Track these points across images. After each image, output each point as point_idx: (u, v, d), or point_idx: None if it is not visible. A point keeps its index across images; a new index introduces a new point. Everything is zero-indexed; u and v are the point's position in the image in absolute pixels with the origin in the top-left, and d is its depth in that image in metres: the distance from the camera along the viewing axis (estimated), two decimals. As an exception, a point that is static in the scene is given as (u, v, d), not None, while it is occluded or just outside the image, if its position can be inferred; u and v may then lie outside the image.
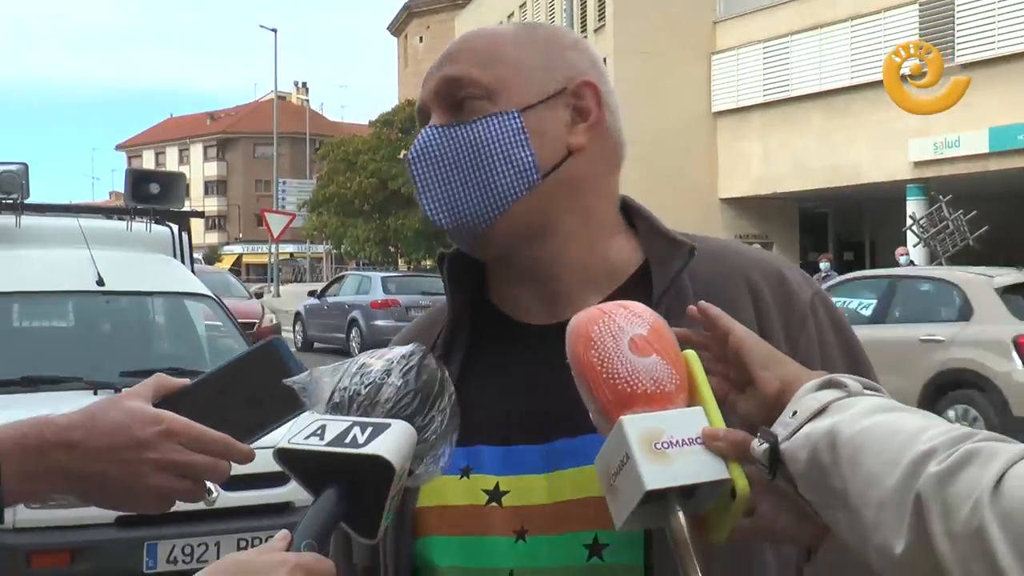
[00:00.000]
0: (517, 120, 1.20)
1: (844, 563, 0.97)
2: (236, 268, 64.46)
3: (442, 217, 1.22)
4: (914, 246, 21.43)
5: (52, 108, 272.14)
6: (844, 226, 34.34)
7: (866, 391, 0.96)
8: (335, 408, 0.99)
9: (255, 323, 17.83)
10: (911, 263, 18.10)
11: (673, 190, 26.14)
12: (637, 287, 1.22)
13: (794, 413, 0.95)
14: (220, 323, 6.86)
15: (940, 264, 20.32)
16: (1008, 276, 10.93)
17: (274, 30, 47.31)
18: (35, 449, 1.10)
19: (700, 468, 0.95)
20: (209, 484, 1.16)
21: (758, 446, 0.95)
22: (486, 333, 1.28)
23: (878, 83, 23.78)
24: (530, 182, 1.20)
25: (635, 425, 0.95)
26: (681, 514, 0.94)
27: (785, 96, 28.57)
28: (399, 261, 44.74)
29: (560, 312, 1.19)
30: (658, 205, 1.39)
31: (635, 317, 1.02)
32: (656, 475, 0.93)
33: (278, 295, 37.21)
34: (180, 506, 1.15)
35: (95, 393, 5.24)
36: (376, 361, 1.01)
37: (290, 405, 1.07)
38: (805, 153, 27.90)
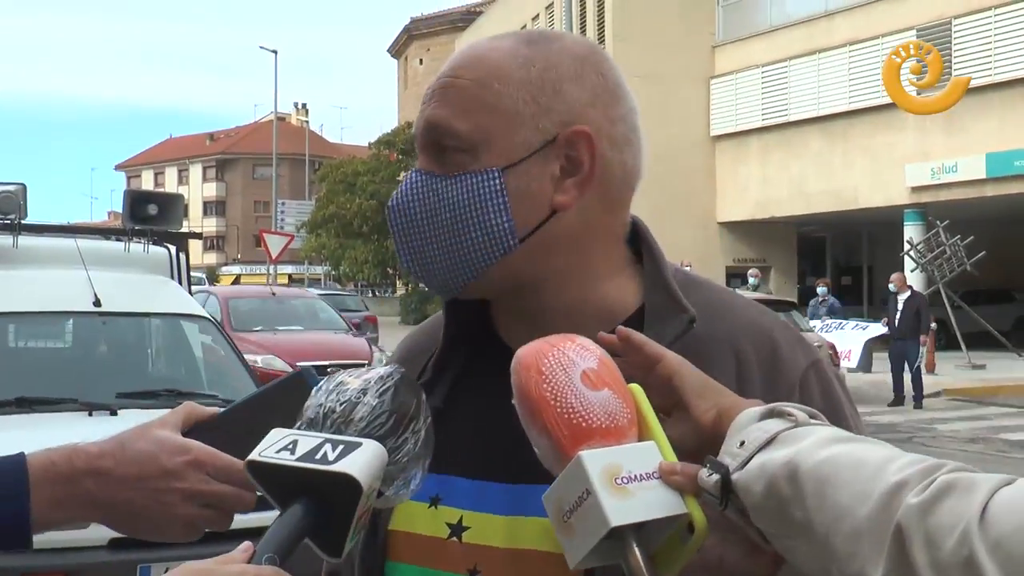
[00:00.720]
0: (497, 181, 1.14)
1: None
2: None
3: (417, 273, 1.20)
4: (912, 271, 21.43)
5: (51, 127, 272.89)
6: (842, 250, 34.39)
7: (812, 420, 0.95)
8: (309, 424, 0.99)
9: (363, 366, 14.01)
10: (910, 288, 18.10)
11: (672, 213, 26.14)
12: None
13: (742, 443, 0.94)
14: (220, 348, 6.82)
15: (937, 289, 20.38)
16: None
17: (274, 51, 47.39)
18: (64, 477, 1.12)
19: (659, 503, 0.94)
20: None
21: (707, 476, 0.94)
22: (480, 356, 1.26)
23: (876, 108, 23.83)
24: (505, 248, 1.15)
25: (595, 460, 0.93)
26: (637, 550, 0.93)
27: (783, 120, 28.62)
28: (397, 283, 44.72)
29: None
30: (657, 228, 1.36)
31: (584, 351, 0.99)
32: (619, 511, 0.91)
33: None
34: None
35: (90, 414, 5.23)
36: (354, 380, 1.02)
37: None
38: (803, 177, 27.93)
